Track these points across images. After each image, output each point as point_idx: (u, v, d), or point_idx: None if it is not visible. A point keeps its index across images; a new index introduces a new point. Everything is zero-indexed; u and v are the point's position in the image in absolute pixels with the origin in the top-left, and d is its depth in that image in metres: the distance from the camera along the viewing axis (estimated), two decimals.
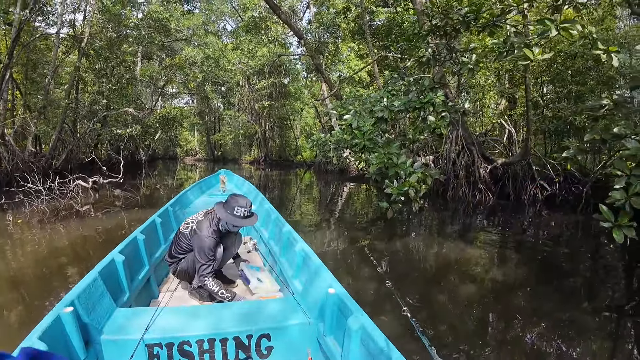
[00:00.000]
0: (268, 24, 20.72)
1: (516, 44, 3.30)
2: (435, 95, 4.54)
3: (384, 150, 4.59)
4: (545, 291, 4.43)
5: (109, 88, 14.65)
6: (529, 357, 3.02)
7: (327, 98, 16.39)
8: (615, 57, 2.96)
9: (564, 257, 6.08)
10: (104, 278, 2.27)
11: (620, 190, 2.78)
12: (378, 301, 3.93)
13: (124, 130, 14.35)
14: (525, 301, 4.18)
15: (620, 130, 2.98)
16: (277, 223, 3.84)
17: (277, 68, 25.35)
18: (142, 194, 10.26)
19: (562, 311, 3.88)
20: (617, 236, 2.71)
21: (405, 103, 4.62)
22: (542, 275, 5.01)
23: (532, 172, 10.56)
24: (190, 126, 34.34)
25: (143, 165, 22.96)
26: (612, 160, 8.74)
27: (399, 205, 4.97)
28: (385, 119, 4.86)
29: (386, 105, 4.72)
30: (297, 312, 2.24)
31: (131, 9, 15.30)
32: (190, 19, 26.41)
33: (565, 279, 5.01)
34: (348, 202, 11.68)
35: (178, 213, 4.54)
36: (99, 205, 8.59)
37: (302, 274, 2.75)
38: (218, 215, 2.76)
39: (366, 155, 4.94)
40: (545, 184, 10.58)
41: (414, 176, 4.62)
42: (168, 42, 22.67)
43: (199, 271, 2.67)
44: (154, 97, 25.87)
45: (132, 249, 2.85)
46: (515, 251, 6.26)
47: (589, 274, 5.41)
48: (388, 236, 6.88)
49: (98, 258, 2.54)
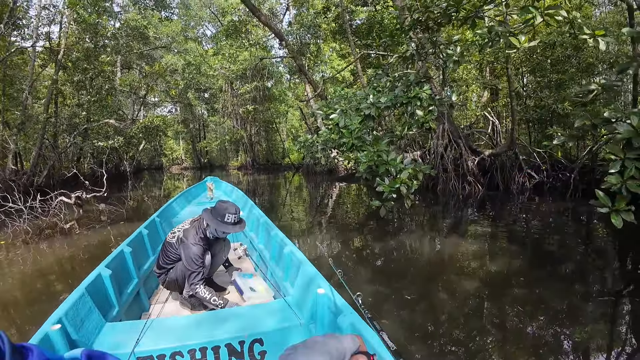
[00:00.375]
0: (248, 27, 20.54)
1: (501, 33, 3.26)
2: (421, 90, 4.49)
3: (373, 148, 4.52)
4: (540, 278, 4.42)
5: (88, 100, 14.29)
6: (528, 346, 2.97)
7: (311, 99, 16.31)
8: (602, 40, 2.93)
9: (556, 244, 6.10)
10: (92, 293, 2.23)
11: (615, 175, 2.75)
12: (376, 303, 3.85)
13: (105, 143, 13.97)
14: (521, 290, 4.15)
15: (611, 114, 2.95)
16: (266, 227, 3.84)
17: (260, 71, 25.19)
18: (127, 207, 10.02)
19: (558, 297, 3.87)
20: (615, 221, 2.68)
21: (391, 99, 4.56)
22: (536, 263, 5.00)
23: (519, 161, 10.65)
24: (174, 135, 33.84)
25: (128, 177, 22.54)
26: (598, 145, 8.87)
27: (391, 203, 4.91)
28: (372, 116, 4.79)
29: (373, 102, 4.65)
30: (289, 315, 2.24)
31: (108, 18, 14.94)
32: (169, 26, 26.06)
33: (559, 265, 5.01)
34: (339, 202, 11.61)
35: (165, 223, 4.47)
36: (83, 221, 8.34)
37: (293, 276, 2.76)
38: (206, 222, 2.73)
39: (355, 154, 4.86)
40: (533, 173, 10.67)
41: (405, 172, 4.56)
42: (147, 50, 22.31)
43: (189, 279, 2.61)
44: (135, 107, 25.45)
45: (119, 263, 2.81)
46: (508, 241, 6.26)
47: (582, 259, 5.43)
48: (381, 235, 6.82)
49: (86, 275, 2.45)
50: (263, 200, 12.10)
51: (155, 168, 32.97)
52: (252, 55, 23.37)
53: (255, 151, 30.26)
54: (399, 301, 3.88)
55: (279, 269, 3.09)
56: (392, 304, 3.79)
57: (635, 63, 3.02)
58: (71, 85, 15.09)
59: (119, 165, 23.29)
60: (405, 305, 3.80)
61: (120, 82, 16.35)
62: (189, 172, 29.25)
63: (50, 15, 14.84)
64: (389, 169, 4.49)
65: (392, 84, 5.03)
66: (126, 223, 7.92)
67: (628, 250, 5.79)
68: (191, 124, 33.03)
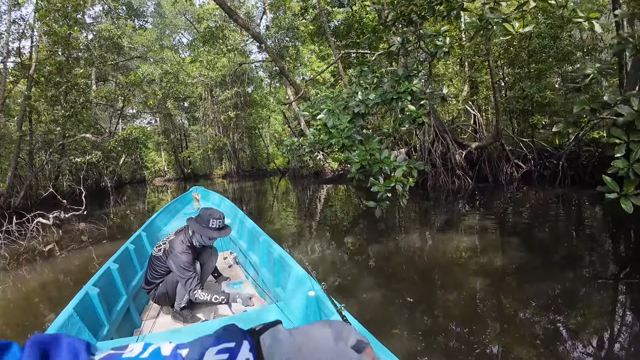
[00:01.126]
0: (226, 33, 20.22)
1: (492, 20, 3.15)
2: (411, 84, 4.36)
3: (365, 147, 4.37)
4: (536, 267, 4.35)
5: (62, 114, 13.74)
6: (530, 334, 2.85)
7: (294, 102, 16.13)
8: (597, 23, 2.84)
9: (550, 232, 6.07)
10: (80, 313, 2.19)
11: (621, 159, 2.66)
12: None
13: (83, 158, 13.39)
14: (518, 279, 4.06)
15: (611, 98, 2.87)
16: (254, 234, 3.82)
17: (240, 77, 24.89)
18: (110, 224, 9.63)
19: (556, 284, 3.81)
20: (625, 206, 2.58)
21: (381, 95, 4.41)
22: (531, 252, 4.93)
23: (506, 152, 10.69)
24: (155, 146, 33.06)
25: (110, 193, 21.89)
26: (583, 132, 8.94)
27: (386, 203, 4.77)
28: (361, 114, 4.64)
29: (361, 99, 4.50)
30: (281, 319, 2.14)
31: (80, 30, 14.43)
32: (144, 35, 25.50)
33: (554, 252, 4.95)
34: (328, 204, 11.43)
35: (152, 237, 4.35)
36: (64, 242, 7.95)
37: (283, 280, 2.77)
38: (191, 230, 2.73)
39: (346, 154, 4.70)
40: (520, 162, 10.72)
41: (399, 170, 4.43)
42: (122, 61, 21.74)
43: (185, 287, 2.57)
44: (113, 121, 24.77)
45: (106, 280, 2.74)
46: (502, 232, 6.20)
47: (578, 244, 5.39)
48: (375, 235, 6.68)
49: (72, 298, 2.33)
50: (250, 208, 11.85)
51: (137, 182, 32.11)
52: (231, 61, 23.04)
53: (239, 158, 29.85)
54: (400, 303, 3.72)
55: (270, 275, 3.09)
56: (392, 305, 3.64)
57: (630, 44, 2.94)
58: (45, 101, 14.54)
59: (99, 181, 22.58)
60: (403, 305, 3.65)
61: (96, 95, 15.71)
62: (173, 184, 28.63)
63: (20, 29, 14.29)
64: (382, 168, 4.35)
65: (379, 79, 4.89)
66: (109, 242, 7.58)
67: (623, 233, 5.78)
68: (172, 135, 32.38)
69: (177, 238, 2.72)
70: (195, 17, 25.92)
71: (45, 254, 7.09)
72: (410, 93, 4.28)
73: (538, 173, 10.55)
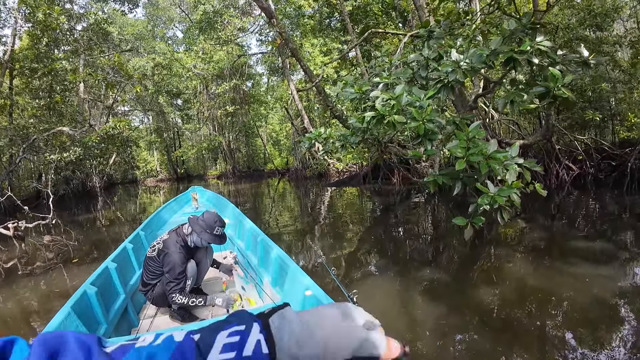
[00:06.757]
0: (225, 18, 18.51)
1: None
2: (535, 42, 2.83)
3: (466, 135, 2.83)
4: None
5: (39, 105, 11.99)
6: None
7: (311, 87, 14.61)
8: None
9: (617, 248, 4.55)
10: (78, 312, 2.19)
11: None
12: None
13: (59, 155, 11.54)
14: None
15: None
16: (252, 234, 3.82)
17: (238, 69, 23.27)
18: (82, 238, 8.02)
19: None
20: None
21: (491, 53, 2.87)
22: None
23: (555, 151, 9.17)
24: (147, 145, 31.26)
25: (98, 194, 20.12)
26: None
27: (481, 219, 3.22)
28: (451, 85, 3.09)
29: (457, 60, 2.94)
30: None
31: (61, 8, 12.71)
32: (135, 25, 23.71)
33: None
34: (352, 215, 9.74)
35: (150, 236, 4.39)
36: (31, 258, 6.33)
37: (281, 280, 2.81)
38: (191, 229, 2.68)
39: (426, 145, 3.15)
40: (570, 164, 9.23)
41: (513, 172, 2.90)
42: (109, 55, 19.87)
43: (166, 290, 2.55)
44: (103, 119, 22.83)
45: (104, 279, 2.73)
46: (554, 248, 4.68)
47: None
48: (468, 271, 5.12)
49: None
50: (250, 214, 10.27)
51: (129, 182, 30.24)
52: (229, 55, 21.43)
53: (235, 158, 28.23)
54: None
55: (268, 274, 3.14)
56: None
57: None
58: (29, 94, 12.81)
59: (86, 181, 20.74)
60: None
61: (72, 78, 13.65)
62: (166, 184, 26.85)
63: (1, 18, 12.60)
64: (492, 167, 2.81)
65: (469, 40, 3.34)
66: (79, 263, 5.96)
67: None
68: (165, 133, 30.60)
69: (171, 238, 2.69)
70: (191, 4, 24.01)
71: (8, 272, 5.63)
72: (539, 51, 2.75)
73: (593, 176, 9.07)
